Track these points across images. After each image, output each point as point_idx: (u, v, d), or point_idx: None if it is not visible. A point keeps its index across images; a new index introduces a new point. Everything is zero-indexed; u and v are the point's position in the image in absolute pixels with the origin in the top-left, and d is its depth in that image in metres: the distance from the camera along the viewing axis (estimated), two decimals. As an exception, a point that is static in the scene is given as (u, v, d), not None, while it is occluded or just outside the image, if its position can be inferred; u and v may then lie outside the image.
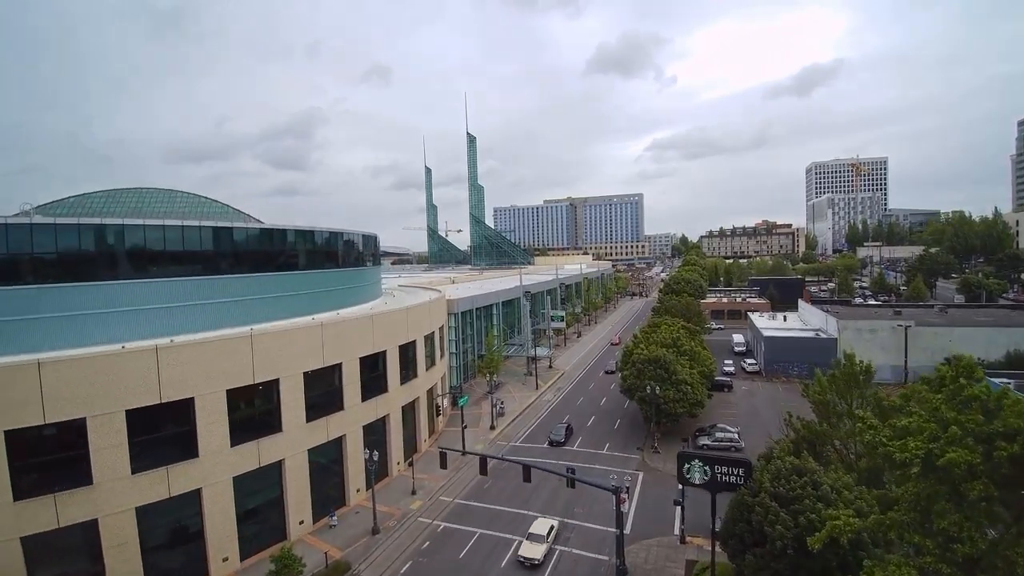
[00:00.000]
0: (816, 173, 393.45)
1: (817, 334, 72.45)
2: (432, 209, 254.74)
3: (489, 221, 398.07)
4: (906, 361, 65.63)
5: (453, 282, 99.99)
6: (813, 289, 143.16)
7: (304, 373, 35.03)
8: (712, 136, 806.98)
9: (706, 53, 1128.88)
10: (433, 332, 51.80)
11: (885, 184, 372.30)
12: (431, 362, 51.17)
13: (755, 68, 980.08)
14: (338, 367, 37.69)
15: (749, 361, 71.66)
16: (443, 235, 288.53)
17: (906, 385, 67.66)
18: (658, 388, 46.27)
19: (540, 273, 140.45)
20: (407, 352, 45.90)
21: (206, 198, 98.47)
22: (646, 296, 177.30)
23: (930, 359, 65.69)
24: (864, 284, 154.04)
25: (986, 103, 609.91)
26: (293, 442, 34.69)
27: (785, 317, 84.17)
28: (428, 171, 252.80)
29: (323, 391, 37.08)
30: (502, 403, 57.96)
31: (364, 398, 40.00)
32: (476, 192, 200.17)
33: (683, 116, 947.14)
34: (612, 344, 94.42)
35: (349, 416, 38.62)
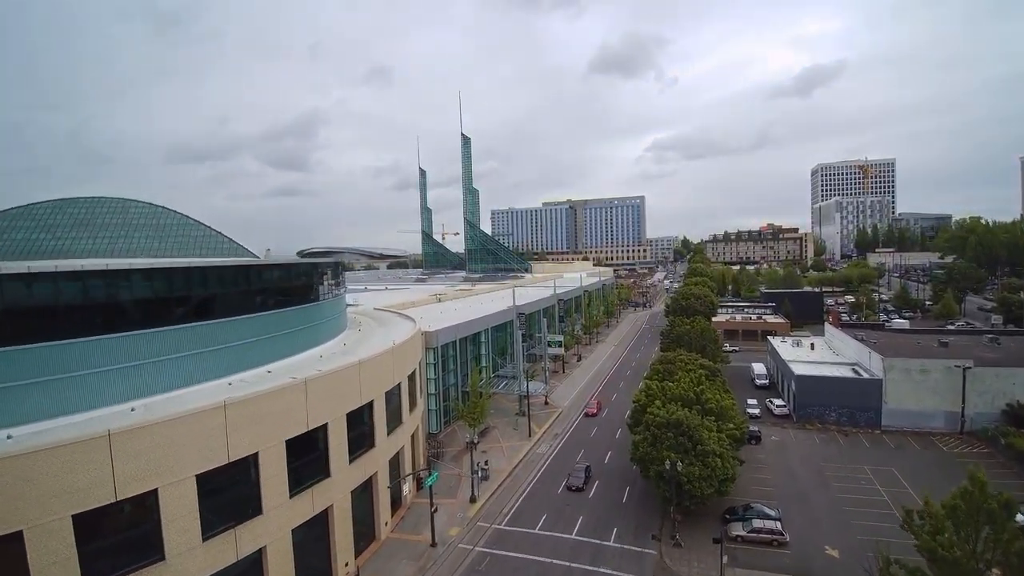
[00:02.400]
0: (822, 175, 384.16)
1: (855, 370, 62.70)
2: (427, 212, 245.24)
3: (487, 223, 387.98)
4: (963, 408, 55.94)
5: (440, 300, 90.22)
6: (829, 302, 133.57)
7: (198, 476, 25.23)
8: (713, 137, 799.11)
9: (708, 53, 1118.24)
10: (400, 384, 41.97)
11: (893, 186, 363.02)
12: (396, 422, 41.36)
13: (757, 68, 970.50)
14: (253, 459, 27.86)
15: (777, 403, 61.81)
16: (439, 239, 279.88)
17: (961, 435, 58.19)
18: (680, 463, 36.50)
19: (537, 285, 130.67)
20: (360, 418, 36.15)
21: (163, 208, 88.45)
22: (650, 307, 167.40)
23: (990, 405, 56.10)
24: (883, 296, 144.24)
25: (990, 104, 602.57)
26: (183, 573, 24.89)
27: (812, 345, 74.38)
28: (422, 173, 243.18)
29: (230, 493, 27.28)
30: (487, 464, 48.15)
31: (294, 491, 30.20)
32: (471, 196, 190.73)
33: (684, 117, 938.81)
34: (587, 415, 63.31)
35: (272, 521, 28.79)
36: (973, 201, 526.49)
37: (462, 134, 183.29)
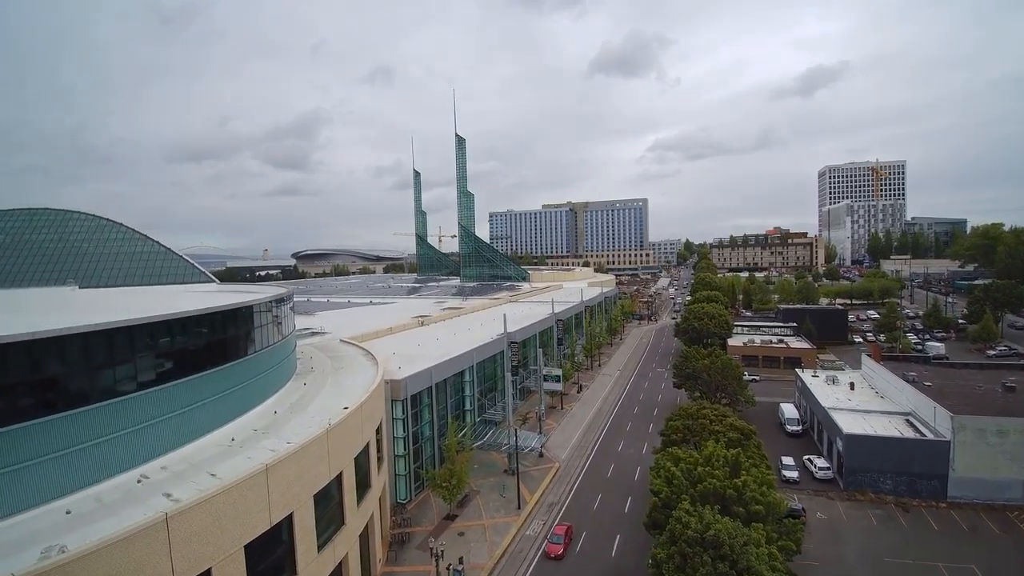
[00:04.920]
0: (830, 177, 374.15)
1: (910, 422, 52.39)
2: (421, 216, 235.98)
3: (485, 226, 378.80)
4: (1049, 476, 45.57)
5: (422, 323, 79.92)
6: (851, 318, 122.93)
7: None
8: (715, 137, 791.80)
9: (710, 54, 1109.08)
10: (342, 472, 31.63)
11: (903, 190, 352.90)
12: (335, 525, 31.00)
13: (759, 69, 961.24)
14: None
15: (819, 464, 51.34)
16: (436, 242, 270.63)
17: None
18: (720, 602, 26.16)
19: (533, 299, 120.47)
20: (275, 537, 25.82)
21: (108, 220, 78.48)
22: (656, 320, 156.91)
23: (1081, 471, 45.94)
24: (908, 312, 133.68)
25: (990, 105, 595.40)
26: None
27: (852, 384, 63.87)
28: (417, 174, 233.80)
29: None
30: (461, 563, 37.79)
31: None
32: (466, 199, 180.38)
33: (686, 117, 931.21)
34: (548, 556, 39.69)
35: None
36: (972, 202, 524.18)
37: (456, 135, 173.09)
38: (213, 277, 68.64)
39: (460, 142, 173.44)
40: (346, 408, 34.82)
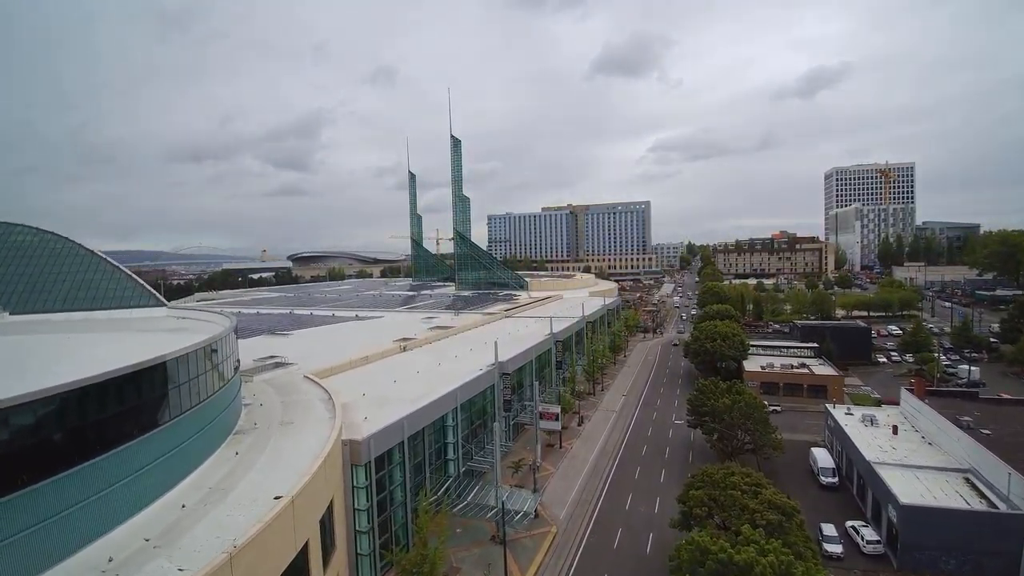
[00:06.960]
0: (837, 179, 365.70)
1: (969, 480, 44.22)
2: (417, 218, 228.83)
3: (484, 229, 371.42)
4: None
5: (404, 349, 71.76)
6: (874, 335, 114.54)
7: None
8: (717, 138, 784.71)
9: (712, 54, 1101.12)
10: (260, 600, 23.58)
11: (912, 193, 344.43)
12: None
13: (761, 70, 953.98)
14: None
15: (868, 537, 43.00)
16: (434, 244, 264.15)
17: None
18: None
19: (532, 310, 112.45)
20: None
21: (52, 234, 70.83)
22: (661, 333, 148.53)
23: None
24: (928, 322, 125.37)
25: (998, 105, 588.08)
26: None
27: (895, 428, 55.53)
28: (412, 176, 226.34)
29: None
30: None
31: None
32: (462, 203, 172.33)
33: (687, 118, 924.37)
34: None
35: None
36: (978, 203, 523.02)
37: (452, 136, 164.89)
38: (163, 300, 60.39)
39: (456, 144, 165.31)
40: (278, 497, 26.90)
